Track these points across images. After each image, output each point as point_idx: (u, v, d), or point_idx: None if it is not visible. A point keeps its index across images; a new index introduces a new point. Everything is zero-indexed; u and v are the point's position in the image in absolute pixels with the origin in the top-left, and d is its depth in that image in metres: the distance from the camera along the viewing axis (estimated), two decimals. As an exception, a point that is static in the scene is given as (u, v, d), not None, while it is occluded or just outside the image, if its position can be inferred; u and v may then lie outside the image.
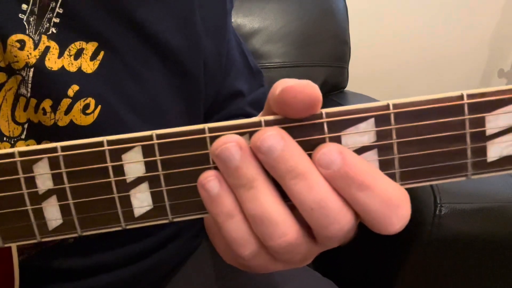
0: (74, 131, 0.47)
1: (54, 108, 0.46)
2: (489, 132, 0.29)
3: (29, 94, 0.45)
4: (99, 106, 0.48)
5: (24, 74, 0.45)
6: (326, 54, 1.24)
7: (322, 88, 1.23)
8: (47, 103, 0.46)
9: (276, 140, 0.28)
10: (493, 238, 0.67)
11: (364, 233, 0.32)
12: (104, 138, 0.30)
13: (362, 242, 0.75)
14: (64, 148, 0.30)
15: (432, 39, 1.91)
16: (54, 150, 0.30)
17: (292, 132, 0.29)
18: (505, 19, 1.95)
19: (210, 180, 0.29)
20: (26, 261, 0.49)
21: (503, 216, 0.67)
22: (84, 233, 0.32)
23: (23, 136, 0.46)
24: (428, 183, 0.30)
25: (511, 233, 0.67)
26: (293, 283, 0.62)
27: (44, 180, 0.30)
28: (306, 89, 0.27)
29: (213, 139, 0.29)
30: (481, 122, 0.29)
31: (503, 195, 0.68)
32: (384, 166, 0.30)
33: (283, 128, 0.29)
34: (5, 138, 0.45)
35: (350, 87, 1.32)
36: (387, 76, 1.92)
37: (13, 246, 0.42)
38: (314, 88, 0.28)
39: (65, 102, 0.46)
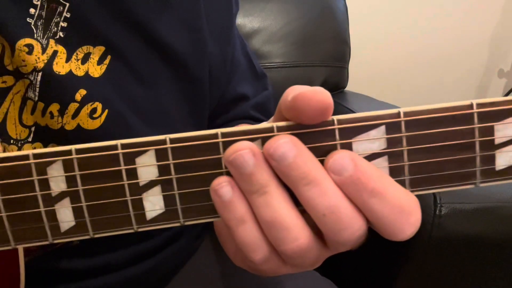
0: (81, 135, 0.47)
1: (62, 112, 0.46)
2: (498, 140, 0.30)
3: (36, 98, 0.45)
4: (106, 110, 0.48)
5: (32, 78, 0.45)
6: (326, 54, 1.23)
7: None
8: (54, 107, 0.46)
9: (288, 147, 0.28)
10: (493, 238, 0.67)
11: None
12: (118, 142, 0.30)
13: (362, 242, 0.74)
14: (78, 151, 0.30)
15: (432, 39, 1.91)
16: (68, 153, 0.30)
17: (304, 138, 0.29)
18: (505, 19, 1.95)
19: (223, 186, 0.30)
20: (32, 262, 0.49)
21: (503, 216, 0.67)
22: (96, 235, 0.32)
23: (30, 139, 0.47)
24: (437, 190, 0.30)
25: (511, 233, 0.67)
26: (292, 283, 0.62)
27: (57, 182, 0.30)
28: (318, 95, 0.28)
29: (226, 144, 0.30)
30: (490, 131, 0.29)
31: (503, 195, 0.68)
32: (394, 173, 0.30)
33: (295, 134, 0.29)
34: (12, 141, 0.46)
35: (350, 87, 1.32)
36: (387, 76, 1.92)
37: (20, 247, 0.42)
38: (326, 95, 0.28)
39: (73, 106, 0.46)
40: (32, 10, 0.44)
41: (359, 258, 0.86)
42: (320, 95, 0.28)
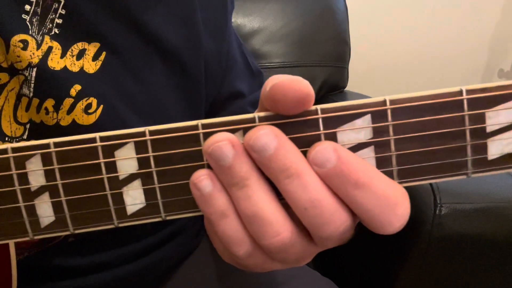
0: (76, 130, 0.47)
1: (57, 108, 0.46)
2: (489, 128, 0.28)
3: (31, 94, 0.45)
4: (101, 106, 0.48)
5: (27, 74, 0.45)
6: (326, 54, 1.23)
7: (322, 88, 1.23)
8: (49, 103, 0.46)
9: (269, 138, 0.27)
10: (493, 238, 0.67)
11: (364, 232, 0.32)
12: (97, 134, 0.29)
13: (362, 242, 0.74)
14: (56, 144, 0.30)
15: (432, 39, 1.91)
16: (46, 146, 0.30)
17: (287, 128, 0.28)
18: (505, 19, 1.95)
19: (202, 179, 0.29)
20: (27, 260, 0.49)
21: (503, 216, 0.67)
22: (76, 231, 0.31)
23: (25, 137, 0.47)
24: (427, 181, 0.29)
25: (511, 233, 0.66)
26: (292, 283, 0.62)
27: (36, 176, 0.30)
28: (296, 85, 0.27)
29: (206, 135, 0.29)
30: (481, 119, 0.28)
31: (503, 195, 0.68)
32: (381, 163, 0.29)
33: (278, 124, 0.29)
34: (7, 139, 0.46)
35: (350, 87, 1.31)
36: (387, 76, 1.92)
37: (11, 245, 0.42)
38: (304, 84, 0.27)
39: (68, 101, 0.46)
40: (27, 7, 0.45)
41: (360, 258, 0.86)
42: (297, 85, 0.27)
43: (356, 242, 0.33)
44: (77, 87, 0.47)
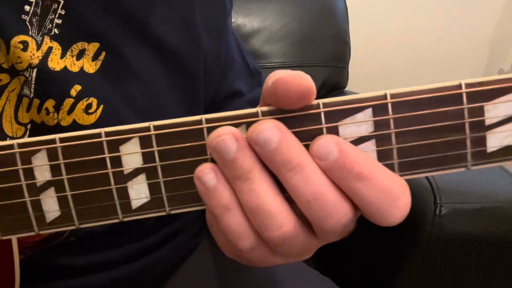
0: (76, 130, 0.47)
1: (57, 108, 0.46)
2: (488, 121, 0.29)
3: (32, 95, 0.45)
4: (101, 106, 0.48)
5: (27, 75, 0.45)
6: (326, 54, 1.23)
7: (322, 88, 1.23)
8: (50, 103, 0.46)
9: (272, 132, 0.28)
10: (493, 238, 0.67)
11: (364, 232, 0.32)
12: (102, 130, 0.30)
13: (362, 241, 0.74)
14: (62, 140, 0.30)
15: (432, 39, 1.91)
16: (52, 141, 0.30)
17: (289, 122, 0.29)
18: (505, 19, 1.94)
19: (206, 173, 0.29)
20: (29, 259, 0.49)
21: (503, 216, 0.67)
22: (82, 226, 0.31)
23: (26, 137, 0.46)
24: (427, 174, 0.30)
25: (511, 233, 0.66)
26: (292, 281, 0.62)
27: (42, 171, 0.30)
28: (298, 80, 0.27)
29: (210, 130, 0.29)
30: (480, 112, 0.29)
31: (503, 195, 0.68)
32: (382, 156, 0.29)
33: (280, 118, 0.29)
34: (8, 139, 0.45)
35: (350, 87, 1.31)
36: (387, 76, 1.91)
37: (14, 244, 0.42)
38: (306, 79, 0.28)
39: (68, 102, 0.46)
40: (27, 7, 0.44)
41: (360, 257, 0.86)
42: (300, 79, 0.27)
43: (356, 242, 0.33)
44: (77, 87, 0.47)
